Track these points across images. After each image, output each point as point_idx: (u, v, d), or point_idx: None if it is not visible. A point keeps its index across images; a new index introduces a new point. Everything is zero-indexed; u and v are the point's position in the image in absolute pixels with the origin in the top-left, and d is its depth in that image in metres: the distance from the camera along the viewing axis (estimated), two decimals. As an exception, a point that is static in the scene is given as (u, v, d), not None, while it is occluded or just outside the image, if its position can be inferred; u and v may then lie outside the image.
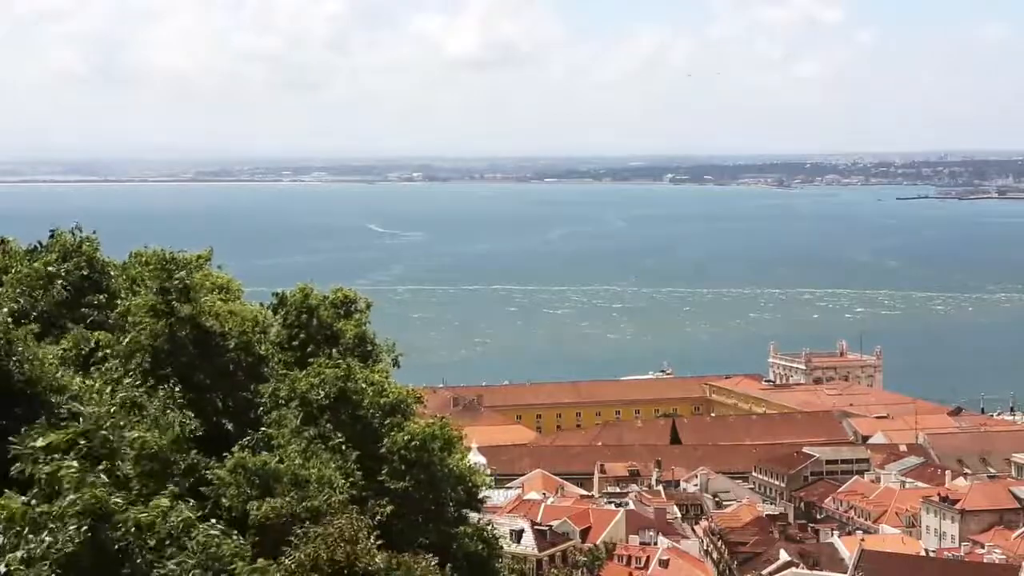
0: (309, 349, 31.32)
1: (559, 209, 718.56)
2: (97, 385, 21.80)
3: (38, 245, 31.28)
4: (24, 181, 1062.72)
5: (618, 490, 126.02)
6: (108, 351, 26.16)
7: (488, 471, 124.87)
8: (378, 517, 25.16)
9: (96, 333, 26.88)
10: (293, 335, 31.69)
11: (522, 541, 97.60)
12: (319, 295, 32.66)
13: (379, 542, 21.01)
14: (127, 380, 24.39)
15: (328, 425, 27.94)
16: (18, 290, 28.09)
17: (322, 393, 28.45)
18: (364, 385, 29.30)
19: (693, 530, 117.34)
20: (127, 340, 26.48)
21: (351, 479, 26.12)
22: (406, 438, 28.89)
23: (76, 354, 25.71)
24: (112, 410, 20.13)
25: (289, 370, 29.75)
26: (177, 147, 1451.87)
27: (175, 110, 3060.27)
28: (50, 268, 29.02)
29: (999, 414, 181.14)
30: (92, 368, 25.25)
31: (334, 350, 30.88)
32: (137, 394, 22.74)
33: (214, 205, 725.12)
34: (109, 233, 41.40)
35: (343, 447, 27.22)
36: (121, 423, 19.55)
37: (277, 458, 24.68)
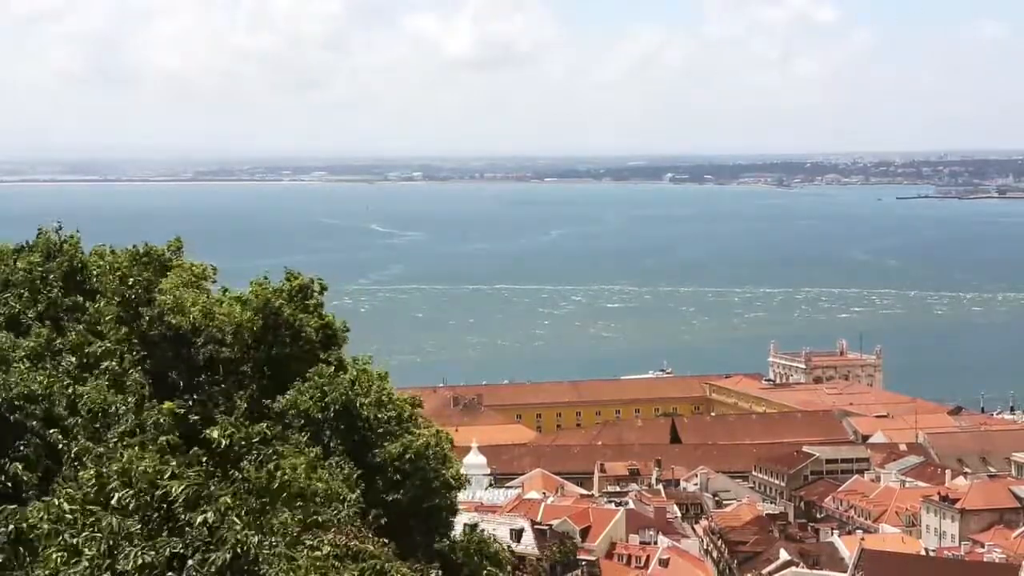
0: (274, 352, 30.63)
1: (559, 209, 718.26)
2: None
3: (24, 245, 31.02)
4: (24, 181, 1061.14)
5: (618, 489, 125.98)
6: (81, 354, 25.72)
7: (487, 470, 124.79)
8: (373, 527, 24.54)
9: (72, 333, 26.45)
10: (259, 335, 31.25)
11: (522, 540, 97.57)
12: (273, 289, 31.92)
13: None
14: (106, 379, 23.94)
15: (330, 439, 27.27)
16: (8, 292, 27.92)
17: (325, 409, 27.77)
18: (364, 400, 28.63)
19: (693, 529, 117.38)
20: (97, 346, 26.12)
21: (357, 491, 25.45)
22: (399, 450, 28.30)
23: (51, 353, 25.24)
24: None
25: (260, 370, 29.20)
26: (177, 147, 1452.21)
27: (174, 110, 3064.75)
28: (34, 268, 28.79)
29: (999, 413, 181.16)
30: (59, 357, 24.79)
31: (300, 342, 30.25)
32: (119, 401, 22.00)
33: (214, 205, 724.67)
34: (108, 233, 41.39)
35: (343, 460, 26.23)
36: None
37: (282, 472, 23.69)
